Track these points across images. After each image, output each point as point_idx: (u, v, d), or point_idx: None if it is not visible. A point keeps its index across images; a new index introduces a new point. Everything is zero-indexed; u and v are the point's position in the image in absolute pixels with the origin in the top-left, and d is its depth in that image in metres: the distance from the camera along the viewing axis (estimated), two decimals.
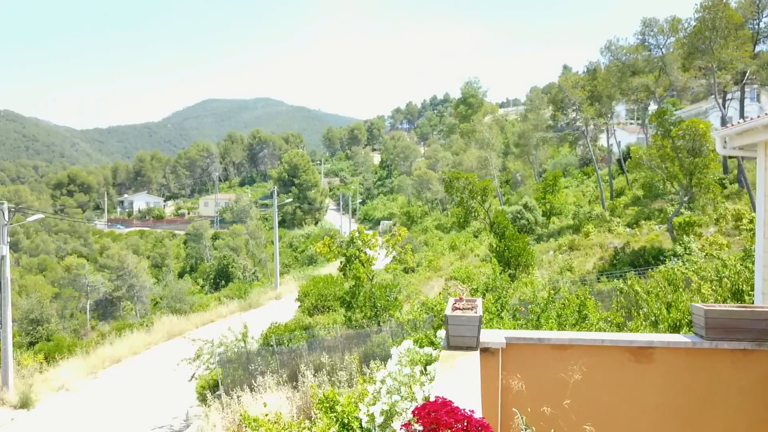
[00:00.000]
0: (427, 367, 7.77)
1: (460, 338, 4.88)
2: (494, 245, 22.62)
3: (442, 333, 7.37)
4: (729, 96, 40.30)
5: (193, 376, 18.47)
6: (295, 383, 14.69)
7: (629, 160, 23.51)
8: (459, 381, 3.84)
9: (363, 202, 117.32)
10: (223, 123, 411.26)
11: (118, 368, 26.00)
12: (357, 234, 19.34)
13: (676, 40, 32.48)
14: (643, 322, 8.85)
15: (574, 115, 39.37)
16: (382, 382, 7.57)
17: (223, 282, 53.92)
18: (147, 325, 32.30)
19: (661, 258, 19.91)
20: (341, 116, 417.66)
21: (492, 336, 5.12)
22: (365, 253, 19.41)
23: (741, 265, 11.09)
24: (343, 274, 19.41)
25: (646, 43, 33.60)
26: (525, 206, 33.91)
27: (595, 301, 9.25)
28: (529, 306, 9.81)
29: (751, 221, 23.62)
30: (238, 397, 14.60)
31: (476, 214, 23.62)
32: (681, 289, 9.57)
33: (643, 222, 29.40)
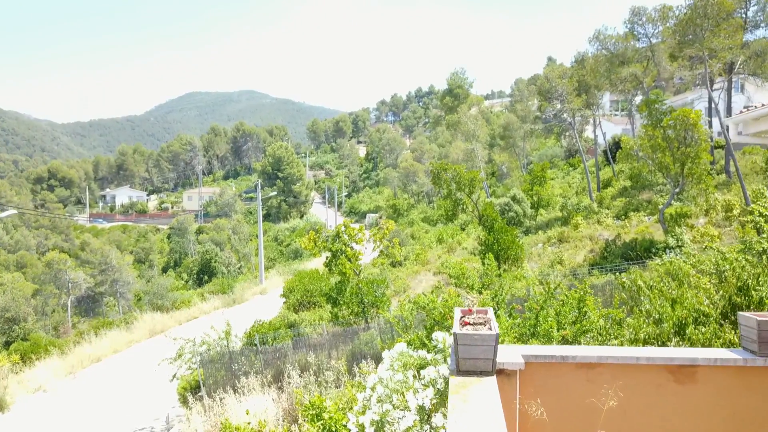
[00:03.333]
0: (421, 372, 7.28)
1: (473, 361, 4.06)
2: (483, 238, 22.18)
3: (438, 335, 6.87)
4: (715, 86, 40.18)
5: (174, 377, 17.85)
6: (280, 384, 14.14)
7: (620, 150, 23.16)
8: (477, 426, 3.08)
9: (349, 195, 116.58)
10: (207, 116, 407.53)
11: (97, 368, 25.27)
12: (343, 228, 18.76)
13: (664, 28, 32.16)
14: (646, 320, 8.42)
15: (560, 106, 38.97)
16: (373, 389, 7.05)
17: (206, 277, 53.10)
18: (128, 323, 31.52)
19: (653, 250, 19.59)
20: (326, 109, 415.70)
21: (507, 354, 4.39)
22: (351, 248, 18.86)
23: (743, 258, 10.69)
24: (329, 270, 18.85)
25: (635, 32, 33.27)
26: (513, 198, 33.51)
27: (594, 297, 8.80)
28: (525, 303, 9.34)
29: (743, 212, 23.40)
30: (220, 399, 14.03)
31: (464, 206, 23.16)
32: (685, 284, 9.14)
33: (632, 213, 29.13)
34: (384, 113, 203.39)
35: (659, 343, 8.07)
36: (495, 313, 8.20)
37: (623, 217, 29.54)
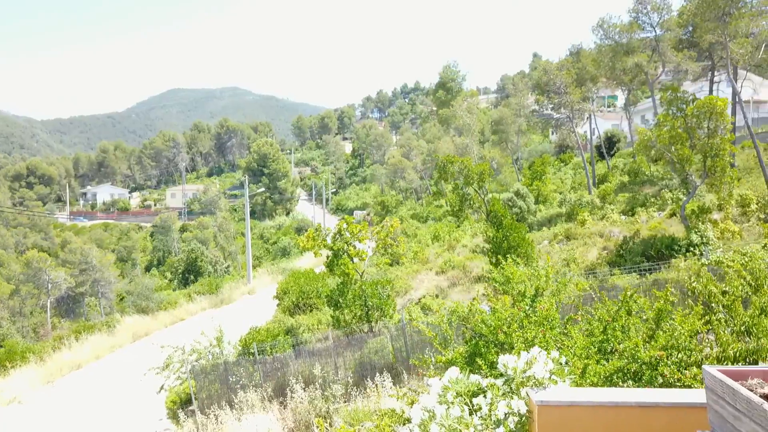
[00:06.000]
0: (473, 400, 5.93)
1: None
2: (491, 236, 20.91)
3: (508, 360, 5.53)
4: (716, 79, 39.27)
5: (162, 388, 16.36)
6: (282, 398, 12.72)
7: (637, 142, 22.05)
8: None
9: (335, 192, 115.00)
10: (190, 113, 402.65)
11: (78, 375, 23.63)
12: (345, 225, 17.37)
13: (670, 18, 31.17)
14: (724, 331, 7.17)
15: (558, 99, 37.84)
16: (423, 429, 5.70)
17: (192, 277, 51.37)
18: (110, 326, 29.84)
19: (675, 248, 18.47)
20: (310, 105, 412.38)
21: None
22: (354, 247, 17.48)
23: None
24: (330, 270, 17.45)
25: (640, 21, 32.23)
26: (517, 193, 32.33)
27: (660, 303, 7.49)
28: (578, 312, 8.03)
29: (763, 206, 22.35)
30: (215, 416, 12.58)
31: (471, 202, 21.95)
32: (762, 285, 7.90)
33: (638, 209, 28.05)
34: (369, 109, 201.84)
35: (750, 361, 6.83)
36: (565, 328, 6.88)
37: (630, 212, 28.45)
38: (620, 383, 6.22)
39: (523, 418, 4.85)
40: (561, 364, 5.18)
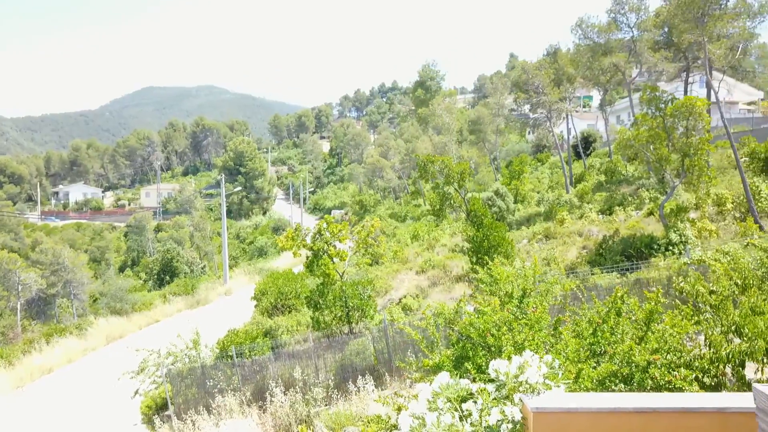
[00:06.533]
0: (463, 406, 5.74)
1: None
2: (471, 235, 20.80)
3: (499, 365, 5.34)
4: (690, 80, 39.76)
5: (136, 392, 15.93)
6: (262, 403, 12.42)
7: (617, 141, 22.15)
8: None
9: (313, 191, 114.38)
10: (165, 111, 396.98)
11: (48, 380, 22.96)
12: (325, 225, 17.09)
13: (648, 18, 31.42)
14: (711, 331, 7.08)
15: (537, 98, 37.99)
16: None
17: (167, 277, 50.54)
18: (83, 328, 29.11)
19: (654, 247, 18.55)
20: (287, 104, 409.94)
21: None
22: (335, 247, 17.21)
23: None
24: (310, 271, 17.16)
25: (618, 22, 32.44)
26: (496, 192, 32.32)
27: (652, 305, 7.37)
28: (565, 313, 7.90)
29: (738, 205, 22.60)
30: (192, 422, 12.23)
31: (452, 201, 21.81)
32: (752, 288, 7.85)
33: (616, 208, 28.22)
34: (347, 108, 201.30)
35: (736, 364, 6.75)
36: (556, 329, 6.73)
37: (607, 212, 28.62)
38: (612, 386, 6.09)
39: (518, 426, 4.68)
40: (554, 368, 5.02)
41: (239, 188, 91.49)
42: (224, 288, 42.04)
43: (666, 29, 35.47)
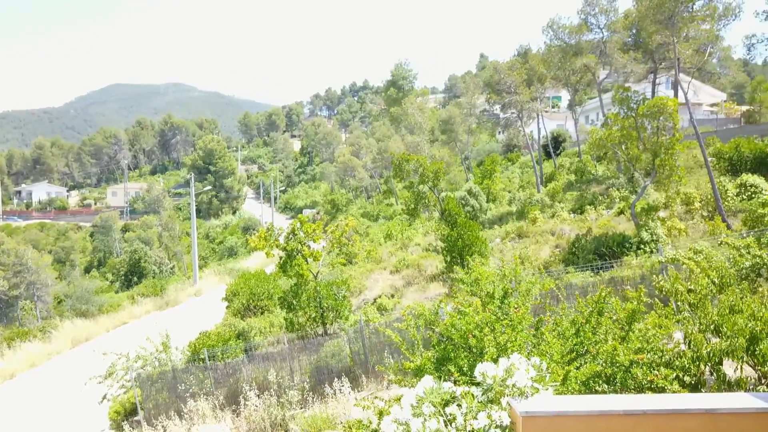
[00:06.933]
0: (446, 410, 5.61)
1: None
2: (446, 234, 20.77)
3: (487, 369, 5.23)
4: (658, 81, 40.48)
5: (104, 398, 15.46)
6: (235, 407, 12.15)
7: (589, 141, 22.36)
8: None
9: (284, 190, 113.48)
10: (132, 109, 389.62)
11: (11, 386, 22.22)
12: (299, 225, 16.84)
13: (617, 20, 31.92)
14: (691, 329, 7.10)
15: (509, 98, 38.25)
16: None
17: (135, 278, 49.53)
18: (47, 331, 28.29)
19: (626, 245, 18.76)
20: (257, 102, 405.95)
21: None
22: (309, 247, 16.97)
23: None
24: (283, 271, 16.88)
25: (588, 23, 32.84)
26: (470, 192, 32.41)
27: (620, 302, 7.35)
28: (545, 313, 7.84)
29: (705, 205, 23.01)
30: (163, 427, 11.89)
31: (427, 200, 21.78)
32: (731, 286, 7.91)
33: (587, 207, 28.53)
34: (318, 107, 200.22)
35: (715, 362, 6.77)
36: (537, 329, 6.65)
37: (579, 211, 28.91)
38: (596, 387, 6.04)
39: (506, 430, 4.57)
40: (542, 371, 4.93)
41: (209, 187, 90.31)
42: (194, 289, 41.38)
43: (634, 31, 36.08)
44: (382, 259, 27.20)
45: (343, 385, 11.19)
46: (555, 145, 53.63)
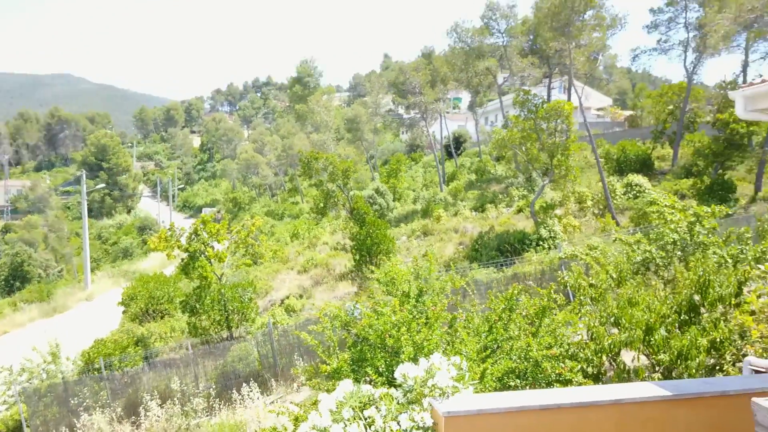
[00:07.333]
0: (365, 413, 5.53)
1: None
2: (355, 233, 20.74)
3: (407, 370, 5.16)
4: (553, 85, 42.58)
5: None
6: (135, 418, 11.47)
7: (492, 141, 23.11)
8: None
9: (183, 188, 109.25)
10: (14, 101, 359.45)
11: None
12: (202, 225, 16.20)
13: (516, 25, 33.28)
14: (593, 322, 7.46)
15: (414, 98, 38.88)
16: None
17: (18, 283, 45.83)
18: None
19: (526, 242, 19.55)
20: (154, 96, 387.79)
21: None
22: (213, 248, 16.37)
23: (656, 248, 10.30)
24: (185, 274, 16.18)
25: (490, 27, 33.97)
26: (377, 191, 32.58)
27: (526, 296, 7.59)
28: (457, 311, 7.95)
29: (596, 202, 24.43)
30: None
31: (336, 199, 21.62)
32: (627, 281, 8.38)
33: (488, 205, 29.50)
34: (220, 102, 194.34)
35: (615, 353, 7.14)
36: (452, 327, 6.71)
37: (480, 209, 29.84)
38: (510, 383, 6.18)
39: (429, 431, 4.55)
40: (462, 369, 4.96)
41: (102, 185, 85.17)
42: (85, 293, 38.87)
43: (532, 37, 37.77)
44: (288, 258, 26.76)
45: (251, 390, 10.85)
46: (456, 145, 55.16)
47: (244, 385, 11.08)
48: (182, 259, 16.20)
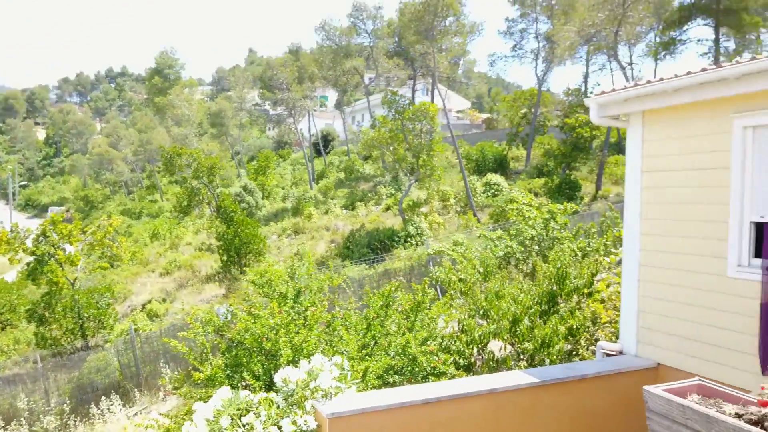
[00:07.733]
0: (243, 420, 5.36)
1: None
2: (221, 232, 20.02)
3: (289, 374, 5.02)
4: (417, 87, 44.01)
5: None
6: None
7: (362, 141, 23.35)
8: None
9: (25, 185, 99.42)
10: None
11: None
12: (52, 225, 14.83)
13: (382, 27, 33.94)
14: (469, 318, 7.82)
15: (282, 95, 38.37)
16: None
17: None
18: None
19: (395, 239, 20.04)
20: None
21: None
22: (64, 251, 15.05)
23: (516, 243, 10.99)
24: (32, 280, 14.73)
25: (357, 27, 34.33)
26: (245, 188, 31.66)
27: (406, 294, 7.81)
28: (337, 309, 7.97)
29: (459, 201, 25.58)
30: None
31: (201, 196, 20.68)
32: (493, 275, 8.85)
33: (357, 203, 29.85)
34: (68, 93, 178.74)
35: (484, 344, 7.52)
36: (330, 325, 6.68)
37: (350, 207, 30.12)
38: (389, 379, 6.28)
39: None
40: (344, 369, 4.95)
41: None
42: None
43: (397, 39, 38.77)
44: (149, 260, 25.28)
45: (112, 403, 10.11)
46: (324, 143, 55.22)
47: (104, 397, 10.30)
48: (28, 264, 14.73)
